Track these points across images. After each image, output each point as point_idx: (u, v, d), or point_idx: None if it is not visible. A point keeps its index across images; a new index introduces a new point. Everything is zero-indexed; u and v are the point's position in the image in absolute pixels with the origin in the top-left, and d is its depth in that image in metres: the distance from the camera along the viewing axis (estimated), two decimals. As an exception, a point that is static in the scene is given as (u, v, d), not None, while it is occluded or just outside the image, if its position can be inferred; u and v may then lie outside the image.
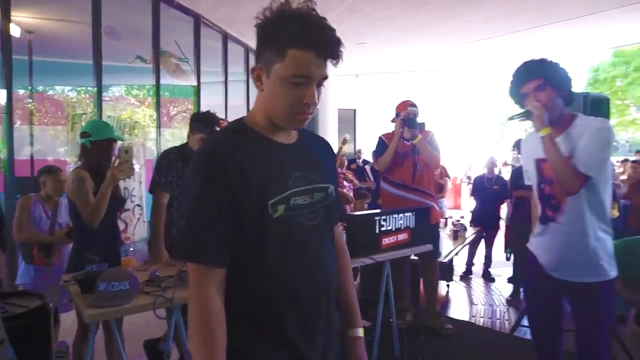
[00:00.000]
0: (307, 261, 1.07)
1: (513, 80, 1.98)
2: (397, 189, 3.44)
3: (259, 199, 1.00)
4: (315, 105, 1.05)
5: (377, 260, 2.57)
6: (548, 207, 1.98)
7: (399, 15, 6.73)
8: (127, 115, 5.91)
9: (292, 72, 1.00)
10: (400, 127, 3.33)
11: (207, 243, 0.98)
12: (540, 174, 2.01)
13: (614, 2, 6.47)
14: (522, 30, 7.44)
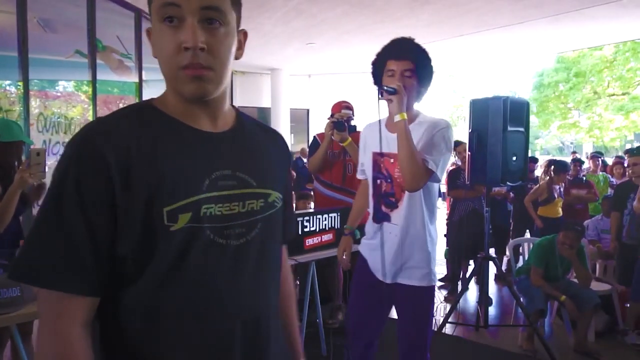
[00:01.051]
0: (216, 295, 0.77)
1: (384, 51, 1.85)
2: (328, 190, 3.45)
3: (148, 204, 0.71)
4: (198, 46, 0.72)
5: (299, 261, 2.56)
6: (384, 204, 1.88)
7: (342, 17, 6.78)
8: (62, 112, 5.63)
9: (159, 3, 0.73)
10: (330, 130, 3.33)
11: (65, 261, 0.68)
12: (376, 169, 1.90)
13: (548, 11, 6.78)
14: (465, 34, 7.67)
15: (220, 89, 0.80)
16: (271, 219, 0.85)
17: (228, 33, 0.77)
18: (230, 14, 0.77)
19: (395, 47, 1.84)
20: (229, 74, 0.80)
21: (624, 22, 7.75)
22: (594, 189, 5.29)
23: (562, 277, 3.57)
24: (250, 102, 12.12)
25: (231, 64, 0.80)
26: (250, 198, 0.82)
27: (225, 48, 0.77)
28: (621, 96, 17.81)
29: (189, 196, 0.74)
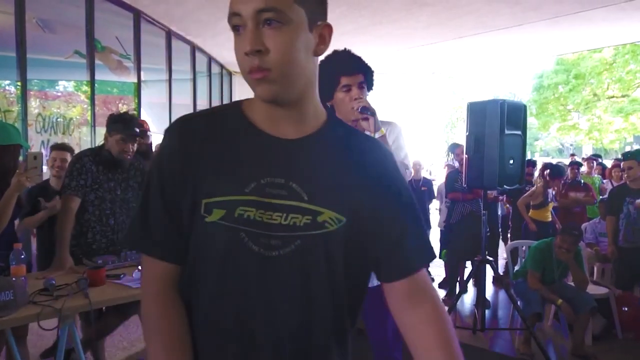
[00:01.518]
0: (245, 300, 0.78)
1: (334, 65, 1.79)
2: None
3: (193, 193, 0.78)
4: (255, 49, 0.73)
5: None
6: None
7: (341, 18, 6.78)
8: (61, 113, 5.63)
9: (228, 16, 0.76)
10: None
11: (152, 230, 0.79)
12: None
13: (547, 13, 6.78)
14: (464, 36, 7.67)
15: (293, 90, 0.77)
16: (316, 239, 0.77)
17: (292, 30, 0.74)
18: (293, 11, 0.73)
19: (348, 61, 1.86)
20: (303, 72, 0.77)
21: (623, 24, 7.76)
22: (591, 191, 5.29)
23: (558, 281, 3.57)
24: (249, 103, 12.13)
25: (304, 61, 0.76)
26: (296, 212, 0.77)
27: (287, 46, 0.74)
28: (621, 98, 17.82)
29: (226, 195, 0.76)
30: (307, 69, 0.77)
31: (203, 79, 9.65)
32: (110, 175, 2.56)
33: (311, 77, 0.80)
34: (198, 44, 8.62)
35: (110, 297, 1.92)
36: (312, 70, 0.79)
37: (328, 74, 1.81)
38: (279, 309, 0.78)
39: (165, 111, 7.65)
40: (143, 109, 6.78)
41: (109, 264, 2.29)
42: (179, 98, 8.22)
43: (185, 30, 7.70)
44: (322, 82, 1.84)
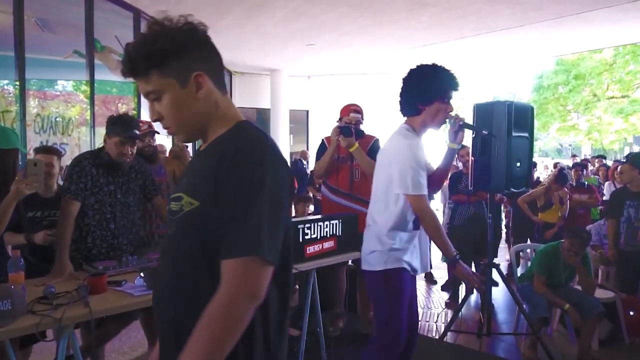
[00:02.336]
0: (160, 279, 1.09)
1: (449, 78, 2.10)
2: (335, 195, 3.37)
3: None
4: (155, 120, 1.06)
5: (300, 269, 2.50)
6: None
7: (342, 19, 6.73)
8: (60, 113, 5.56)
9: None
10: (337, 135, 3.24)
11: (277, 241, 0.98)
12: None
13: (548, 14, 6.74)
14: (465, 37, 7.63)
15: (194, 129, 1.06)
16: (181, 222, 1.00)
17: (170, 98, 1.01)
18: (162, 84, 1.00)
19: (456, 79, 2.13)
20: (193, 115, 1.04)
21: (624, 25, 7.72)
22: (595, 193, 5.24)
23: (565, 285, 3.52)
24: (249, 103, 12.05)
25: (189, 109, 1.03)
26: (173, 200, 1.03)
27: (172, 110, 1.02)
28: (620, 99, 17.81)
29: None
30: (196, 110, 1.03)
31: (203, 79, 9.59)
32: (110, 178, 2.51)
33: (206, 113, 1.04)
34: (198, 44, 8.56)
35: (111, 305, 1.87)
36: (202, 108, 1.03)
37: (439, 83, 2.08)
38: (162, 278, 1.06)
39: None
40: (143, 109, 6.72)
41: (110, 270, 2.24)
42: (178, 98, 8.17)
43: (186, 30, 7.64)
44: (431, 87, 2.11)
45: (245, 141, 1.00)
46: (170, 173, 3.08)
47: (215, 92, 1.05)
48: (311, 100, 11.98)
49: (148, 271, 2.09)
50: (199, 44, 1.04)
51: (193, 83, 1.01)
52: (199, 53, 1.03)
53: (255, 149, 0.97)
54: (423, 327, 4.10)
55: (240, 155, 0.96)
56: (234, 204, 0.92)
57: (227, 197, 0.93)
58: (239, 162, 0.94)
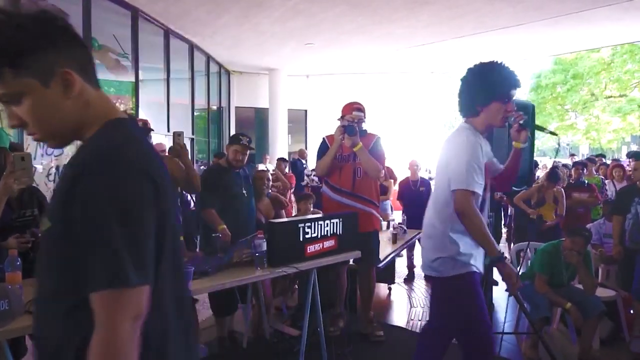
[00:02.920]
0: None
1: (511, 77, 2.01)
2: (337, 194, 3.33)
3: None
4: (16, 126, 0.91)
5: (300, 269, 2.48)
6: (480, 210, 2.01)
7: (341, 17, 6.72)
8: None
9: None
10: (340, 134, 3.22)
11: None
12: (487, 178, 2.07)
13: (549, 12, 6.73)
14: (464, 36, 7.63)
15: (64, 132, 0.93)
16: (43, 248, 0.93)
17: (31, 100, 0.87)
18: (19, 85, 0.85)
19: (515, 77, 2.05)
20: (63, 123, 0.91)
21: (623, 24, 7.73)
22: (595, 192, 5.23)
23: (566, 284, 3.51)
24: (247, 103, 12.03)
25: (57, 111, 0.89)
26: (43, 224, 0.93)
27: (35, 114, 0.88)
28: (618, 98, 17.83)
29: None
30: (65, 113, 0.90)
31: (201, 78, 9.56)
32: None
33: (77, 114, 0.91)
34: (196, 42, 8.53)
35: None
36: (72, 109, 0.90)
37: (497, 83, 2.00)
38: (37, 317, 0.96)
39: (163, 110, 7.56)
40: (141, 109, 6.69)
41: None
42: (177, 97, 8.14)
43: (184, 29, 7.61)
44: (487, 87, 2.03)
45: (96, 151, 0.87)
46: (168, 173, 3.06)
47: (86, 89, 0.91)
48: (310, 100, 11.97)
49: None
50: (60, 35, 0.88)
51: (58, 81, 0.88)
52: (61, 46, 0.88)
53: (104, 160, 0.84)
54: (423, 327, 4.08)
55: (87, 169, 0.84)
56: (83, 229, 0.82)
57: (75, 221, 0.82)
58: (84, 178, 0.83)
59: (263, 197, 3.81)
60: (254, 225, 3.33)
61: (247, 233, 2.97)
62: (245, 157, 3.28)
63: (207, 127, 10.03)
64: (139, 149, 0.90)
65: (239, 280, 2.33)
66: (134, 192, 0.83)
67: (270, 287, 3.61)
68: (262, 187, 3.73)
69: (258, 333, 3.44)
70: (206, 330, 3.55)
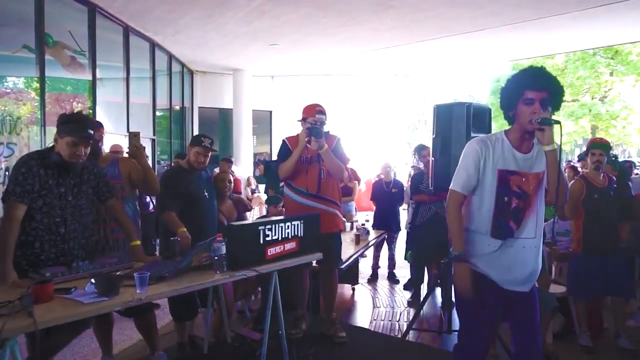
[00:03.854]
0: None
1: (522, 79, 1.96)
2: (301, 197, 3.31)
3: None
4: None
5: (261, 272, 2.45)
6: (513, 220, 1.99)
7: (306, 19, 6.72)
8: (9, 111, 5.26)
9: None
10: (307, 137, 3.20)
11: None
12: (505, 186, 1.99)
13: (507, 19, 6.96)
14: (427, 40, 7.78)
15: None
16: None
17: None
18: None
19: (538, 77, 1.95)
20: None
21: (575, 33, 8.10)
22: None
23: (521, 281, 3.63)
24: (211, 103, 11.85)
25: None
26: None
27: None
28: (571, 103, 18.65)
29: None
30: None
31: (163, 78, 9.34)
32: (60, 180, 2.37)
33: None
34: (158, 41, 8.33)
35: (58, 315, 1.75)
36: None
37: (514, 85, 1.99)
38: None
39: (123, 110, 7.33)
40: (98, 108, 6.47)
41: (58, 277, 2.11)
42: (137, 97, 7.92)
43: (145, 27, 7.42)
44: (508, 92, 2.04)
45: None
46: (125, 174, 2.96)
47: None
48: (274, 101, 11.91)
49: (100, 277, 1.99)
50: None
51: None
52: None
53: None
54: (386, 326, 4.13)
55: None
56: None
57: None
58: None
59: (225, 199, 3.75)
60: (215, 227, 3.27)
61: (209, 236, 2.91)
62: (206, 159, 3.22)
63: (169, 127, 9.81)
64: None
65: (198, 284, 2.28)
66: None
67: (232, 290, 3.55)
68: (224, 189, 3.67)
69: (219, 337, 3.38)
70: (166, 336, 3.47)
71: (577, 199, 3.58)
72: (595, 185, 3.52)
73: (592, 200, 3.51)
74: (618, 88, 17.83)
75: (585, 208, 3.55)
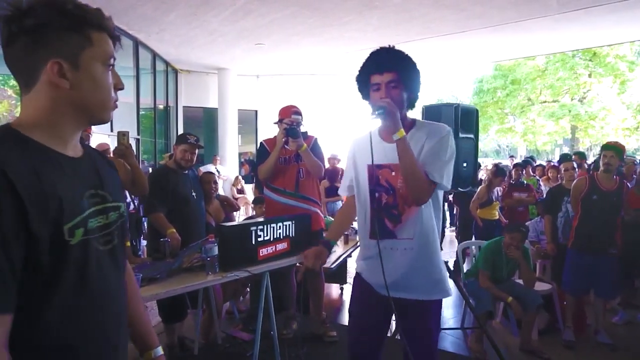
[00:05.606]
0: (103, 289, 0.94)
1: (366, 65, 1.78)
2: (281, 196, 3.35)
3: (53, 224, 0.82)
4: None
5: (253, 272, 2.45)
6: (388, 218, 1.80)
7: (291, 19, 6.72)
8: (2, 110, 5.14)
9: (109, 55, 0.93)
10: (284, 137, 3.24)
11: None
12: (373, 182, 1.82)
13: (490, 21, 7.07)
14: (411, 40, 7.84)
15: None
16: (122, 227, 1.03)
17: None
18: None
19: (376, 60, 1.77)
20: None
21: (555, 34, 8.26)
22: (533, 192, 5.55)
23: (507, 279, 3.70)
24: (196, 102, 11.74)
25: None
26: (111, 211, 0.97)
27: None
28: (552, 103, 19.05)
29: (80, 213, 0.87)
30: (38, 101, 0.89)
31: (147, 76, 9.22)
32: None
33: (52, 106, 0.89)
34: (141, 39, 8.22)
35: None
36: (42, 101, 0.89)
37: (361, 73, 1.80)
38: (122, 289, 1.03)
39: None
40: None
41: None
42: (120, 96, 7.78)
43: (128, 25, 7.31)
44: (359, 82, 1.84)
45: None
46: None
47: None
48: (260, 100, 11.86)
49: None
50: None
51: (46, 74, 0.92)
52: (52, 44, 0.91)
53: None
54: (374, 325, 4.15)
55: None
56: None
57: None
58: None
59: (212, 200, 3.73)
60: (204, 228, 3.26)
61: (197, 236, 2.90)
62: (194, 157, 3.21)
63: (153, 126, 9.69)
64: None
65: (191, 285, 2.27)
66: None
67: (221, 291, 3.54)
68: (210, 189, 3.66)
69: (209, 339, 3.36)
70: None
71: (577, 195, 3.66)
72: (599, 186, 3.59)
73: (590, 200, 3.59)
74: (596, 89, 18.26)
75: (582, 206, 3.64)
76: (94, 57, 0.90)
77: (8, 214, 0.76)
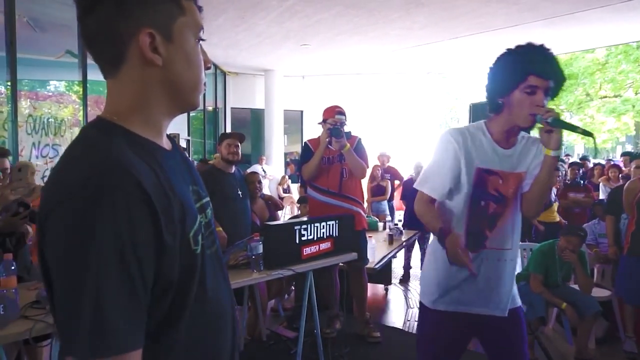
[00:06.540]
0: (218, 304, 0.80)
1: (529, 61, 1.52)
2: (324, 196, 3.38)
3: (180, 234, 0.69)
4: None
5: (297, 271, 2.48)
6: (488, 229, 1.63)
7: (337, 18, 6.72)
8: (53, 113, 5.50)
9: (199, 25, 0.77)
10: (327, 137, 3.26)
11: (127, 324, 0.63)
12: (481, 188, 1.61)
13: (543, 14, 6.76)
14: (460, 37, 7.64)
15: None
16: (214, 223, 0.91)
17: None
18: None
19: (544, 62, 1.53)
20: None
21: (617, 25, 7.77)
22: (591, 192, 5.26)
23: (561, 283, 3.53)
24: (243, 104, 12.02)
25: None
26: (207, 208, 0.84)
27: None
28: (613, 98, 17.92)
29: (195, 217, 0.75)
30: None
31: (197, 79, 9.54)
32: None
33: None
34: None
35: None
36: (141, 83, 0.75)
37: (515, 66, 1.55)
38: (230, 290, 0.88)
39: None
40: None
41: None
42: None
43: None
44: (504, 73, 1.58)
45: (69, 167, 0.67)
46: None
47: None
48: (306, 101, 11.95)
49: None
50: None
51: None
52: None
53: (81, 180, 0.63)
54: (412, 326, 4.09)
55: (57, 196, 0.63)
56: (57, 279, 0.63)
57: (49, 267, 0.65)
58: (56, 209, 0.62)
59: (257, 199, 3.81)
60: (249, 227, 3.34)
61: (243, 235, 2.97)
62: (239, 150, 3.31)
63: (203, 128, 10.01)
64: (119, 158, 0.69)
65: (236, 282, 2.32)
66: (130, 214, 0.63)
67: (266, 288, 3.60)
68: (255, 189, 3.74)
69: (254, 335, 3.44)
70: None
71: (632, 198, 3.45)
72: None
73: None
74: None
75: (638, 208, 3.42)
76: (188, 27, 0.74)
77: (146, 229, 0.64)
